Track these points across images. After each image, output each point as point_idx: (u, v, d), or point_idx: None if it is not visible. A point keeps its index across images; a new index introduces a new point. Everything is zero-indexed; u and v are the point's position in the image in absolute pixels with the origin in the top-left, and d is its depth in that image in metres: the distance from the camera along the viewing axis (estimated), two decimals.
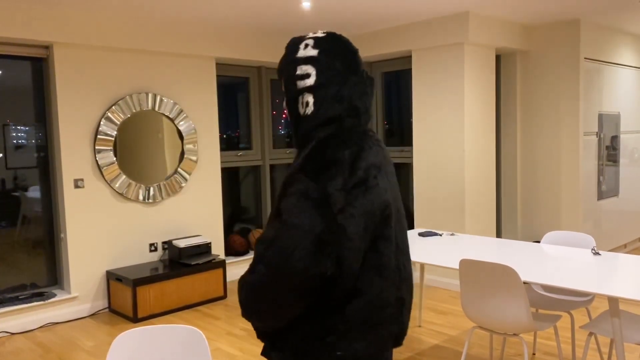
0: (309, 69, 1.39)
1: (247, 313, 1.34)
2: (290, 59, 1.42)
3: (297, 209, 1.26)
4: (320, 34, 1.45)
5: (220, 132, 5.63)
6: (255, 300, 1.30)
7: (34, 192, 4.61)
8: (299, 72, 1.40)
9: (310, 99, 1.39)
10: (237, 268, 5.72)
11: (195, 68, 5.27)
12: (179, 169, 5.15)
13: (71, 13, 4.37)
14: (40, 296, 4.45)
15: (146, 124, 4.94)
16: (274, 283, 1.25)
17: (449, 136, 5.05)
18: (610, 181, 5.98)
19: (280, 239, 1.25)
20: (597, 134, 5.68)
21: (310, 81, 1.39)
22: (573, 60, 5.29)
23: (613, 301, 2.50)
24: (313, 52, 1.40)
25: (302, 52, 1.41)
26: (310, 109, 1.39)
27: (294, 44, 1.45)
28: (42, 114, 4.59)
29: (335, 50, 1.42)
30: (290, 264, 1.23)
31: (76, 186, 4.54)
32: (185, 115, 5.17)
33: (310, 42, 1.42)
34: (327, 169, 1.30)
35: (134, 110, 4.82)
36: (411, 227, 5.50)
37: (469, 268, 2.74)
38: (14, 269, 4.51)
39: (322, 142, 1.34)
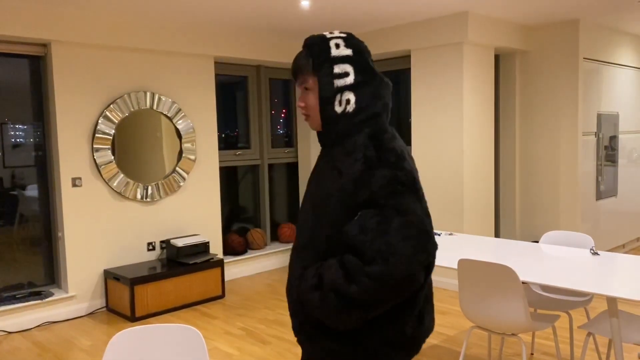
0: (347, 68, 1.44)
1: (367, 308, 1.32)
2: (324, 57, 1.45)
3: (399, 195, 1.32)
4: (342, 34, 1.49)
5: (218, 131, 5.62)
6: (387, 292, 1.29)
7: (32, 191, 4.60)
8: (337, 70, 1.43)
9: (351, 96, 1.43)
10: (235, 267, 5.71)
11: (194, 67, 5.26)
12: (177, 168, 5.14)
13: (69, 11, 4.36)
14: (38, 295, 4.43)
15: (144, 122, 4.93)
16: (406, 271, 1.28)
17: (448, 136, 5.04)
18: (608, 181, 5.98)
19: (397, 225, 1.29)
20: (595, 134, 5.68)
21: (350, 79, 1.43)
22: (572, 61, 5.29)
23: (611, 301, 2.50)
24: (348, 52, 1.45)
25: (336, 52, 1.45)
26: (351, 107, 1.43)
27: (321, 42, 1.47)
28: (40, 113, 4.58)
29: (364, 50, 1.49)
30: (419, 247, 1.29)
31: (74, 185, 4.53)
32: (183, 114, 5.16)
33: (340, 41, 1.46)
34: (403, 158, 1.38)
35: (132, 109, 4.80)
36: None
37: (467, 268, 2.73)
38: (11, 267, 4.50)
39: (378, 136, 1.41)
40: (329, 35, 1.48)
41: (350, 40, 1.48)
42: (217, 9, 4.56)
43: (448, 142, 5.05)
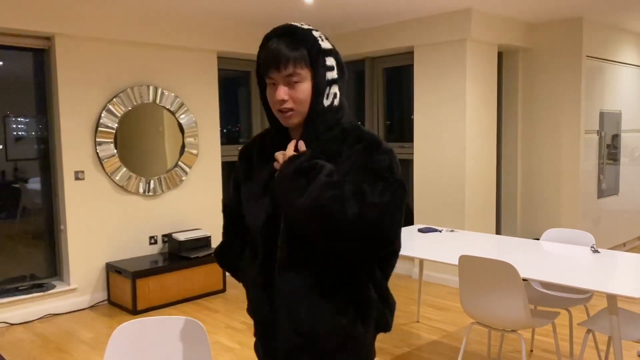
0: (332, 61, 1.42)
1: (385, 229, 1.31)
2: (317, 48, 1.40)
3: (397, 169, 1.41)
4: (310, 27, 1.45)
5: (220, 126, 5.63)
6: (367, 231, 1.30)
7: (34, 184, 4.61)
8: (328, 63, 1.41)
9: (336, 90, 1.42)
10: None
11: (197, 61, 5.26)
12: (179, 162, 5.15)
13: (73, 4, 4.37)
14: (40, 287, 4.45)
15: (147, 116, 4.94)
16: (391, 231, 1.33)
17: (450, 133, 5.04)
18: (610, 180, 5.98)
19: (396, 195, 1.35)
20: (598, 132, 5.68)
21: (335, 73, 1.42)
22: (575, 58, 5.28)
23: (611, 299, 2.51)
24: (329, 45, 1.44)
25: (324, 44, 1.42)
26: (337, 101, 1.43)
27: (307, 32, 1.42)
28: (43, 106, 4.58)
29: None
30: (400, 224, 1.38)
31: (76, 178, 4.54)
32: (186, 108, 5.17)
33: (319, 34, 1.43)
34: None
35: (135, 103, 4.81)
36: (411, 222, 5.50)
37: (468, 264, 2.74)
38: (13, 260, 4.52)
39: (361, 129, 1.46)
40: (305, 27, 1.44)
41: (324, 34, 1.48)
42: (220, 4, 4.56)
43: (450, 138, 5.05)
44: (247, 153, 1.57)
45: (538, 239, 3.63)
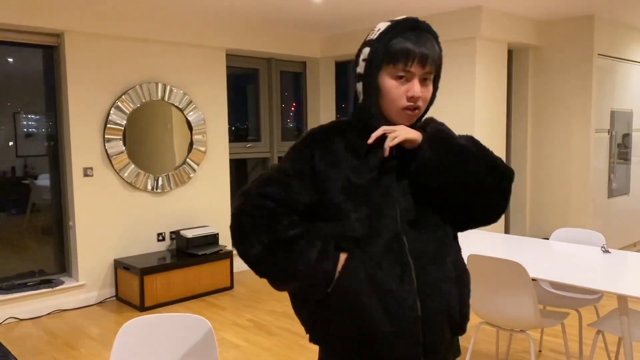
0: None
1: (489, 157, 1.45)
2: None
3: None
4: None
5: (228, 123, 5.63)
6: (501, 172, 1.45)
7: (44, 180, 4.63)
8: None
9: None
10: None
11: (206, 58, 5.26)
12: (187, 160, 5.16)
13: (83, 1, 4.38)
14: (49, 283, 4.48)
15: (155, 114, 4.95)
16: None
17: (459, 131, 4.99)
18: (621, 179, 5.92)
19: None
20: (608, 132, 5.63)
21: None
22: (586, 57, 5.23)
23: (622, 299, 2.48)
24: None
25: None
26: None
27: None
28: (52, 103, 4.60)
29: None
30: None
31: (85, 175, 4.56)
32: (194, 105, 5.17)
33: None
34: None
35: (144, 100, 4.82)
36: None
37: (477, 264, 2.72)
38: (22, 255, 4.55)
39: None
40: None
41: None
42: (229, 1, 4.55)
43: None
44: (324, 141, 1.40)
45: (547, 239, 3.60)
